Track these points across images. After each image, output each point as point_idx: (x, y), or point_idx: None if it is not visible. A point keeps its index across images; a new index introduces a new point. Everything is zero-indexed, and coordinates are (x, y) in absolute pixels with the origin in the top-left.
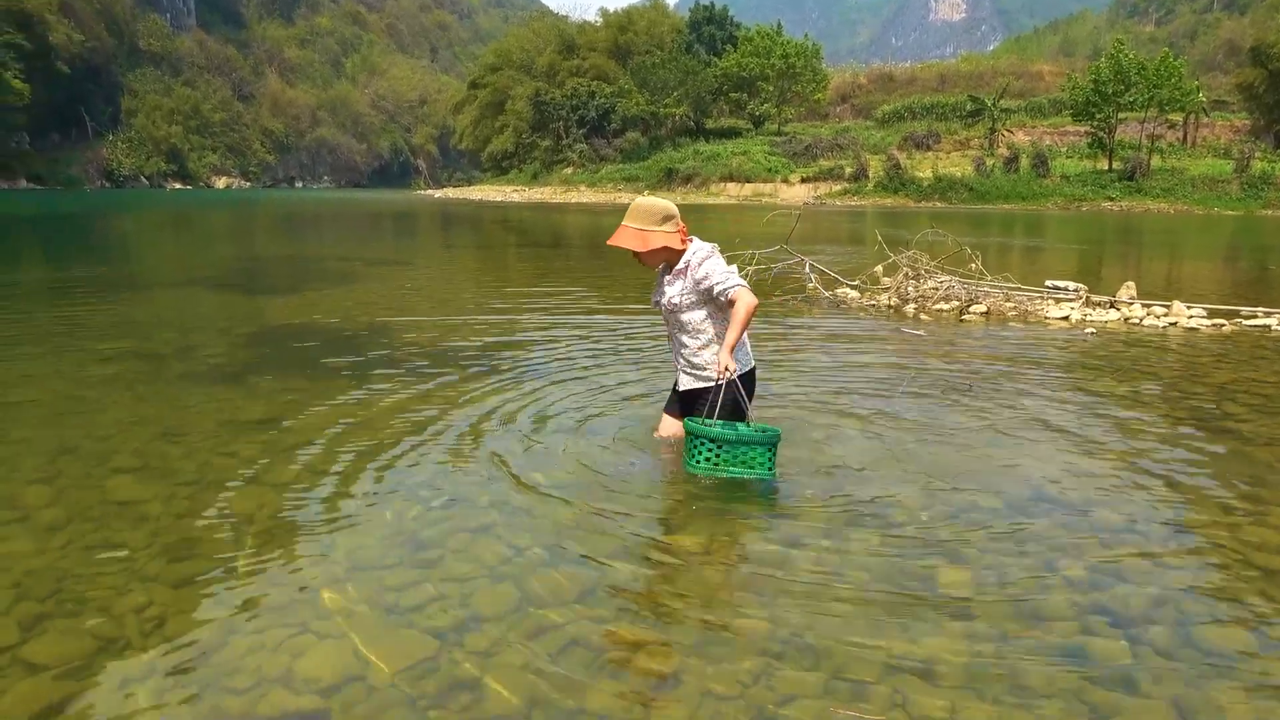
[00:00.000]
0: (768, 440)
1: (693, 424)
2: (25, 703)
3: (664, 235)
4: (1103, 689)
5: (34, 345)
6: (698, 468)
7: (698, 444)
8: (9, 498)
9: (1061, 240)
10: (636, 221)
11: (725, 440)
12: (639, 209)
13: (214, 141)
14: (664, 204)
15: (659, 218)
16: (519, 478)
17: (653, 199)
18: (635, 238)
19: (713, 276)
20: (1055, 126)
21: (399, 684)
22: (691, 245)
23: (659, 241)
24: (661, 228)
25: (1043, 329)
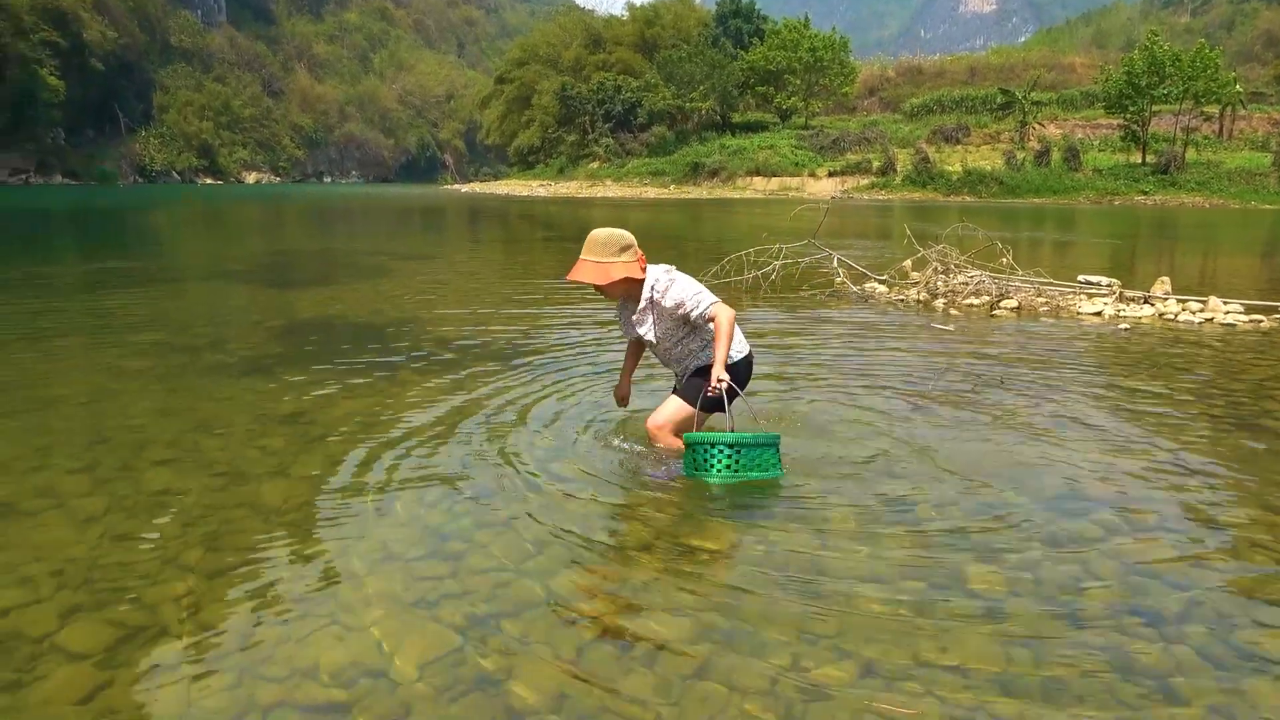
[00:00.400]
0: (774, 441)
1: (702, 434)
2: (65, 689)
3: (624, 266)
4: (1138, 691)
5: (71, 338)
6: (716, 476)
7: (713, 452)
8: (48, 487)
9: (1094, 234)
10: (595, 254)
11: (744, 444)
12: (596, 241)
13: (244, 137)
14: (621, 233)
15: (617, 248)
16: (544, 472)
17: (609, 230)
18: (595, 271)
19: (685, 303)
20: (1087, 119)
21: (425, 677)
22: (649, 274)
23: (620, 273)
24: (620, 258)
25: (1075, 324)
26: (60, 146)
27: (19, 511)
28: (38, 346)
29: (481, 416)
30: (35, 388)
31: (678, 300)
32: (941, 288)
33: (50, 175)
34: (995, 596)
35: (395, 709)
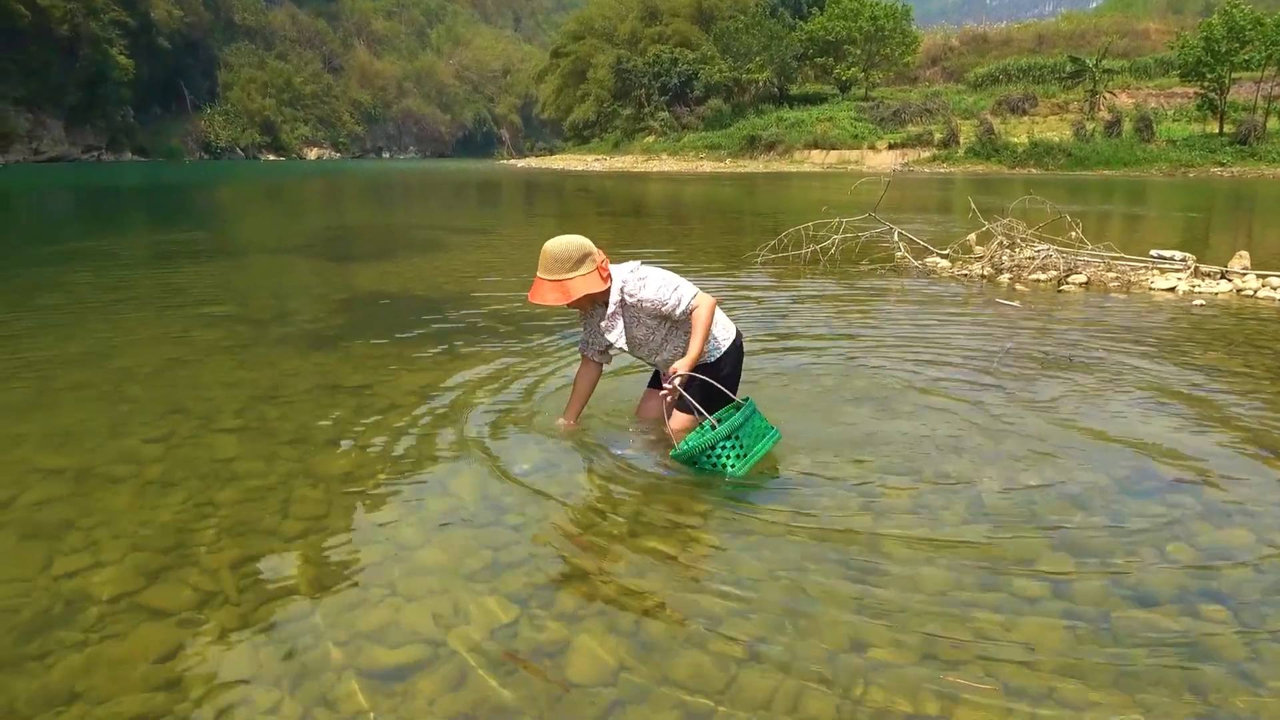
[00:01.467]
0: (751, 407)
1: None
2: (138, 649)
3: (584, 281)
4: (1213, 677)
5: (142, 310)
6: (737, 471)
7: (717, 453)
8: (124, 454)
9: (1167, 207)
10: (551, 273)
11: (735, 428)
12: (549, 257)
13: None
14: (575, 244)
15: (573, 262)
16: (604, 446)
17: (562, 241)
18: (554, 291)
19: (665, 301)
20: (1161, 88)
21: (482, 647)
22: (616, 276)
23: (580, 289)
24: (579, 272)
25: (1147, 300)
26: (130, 124)
27: (96, 477)
28: (112, 319)
29: (540, 390)
30: (110, 359)
31: (655, 300)
32: (1007, 262)
33: (120, 152)
34: (1061, 577)
35: (452, 678)
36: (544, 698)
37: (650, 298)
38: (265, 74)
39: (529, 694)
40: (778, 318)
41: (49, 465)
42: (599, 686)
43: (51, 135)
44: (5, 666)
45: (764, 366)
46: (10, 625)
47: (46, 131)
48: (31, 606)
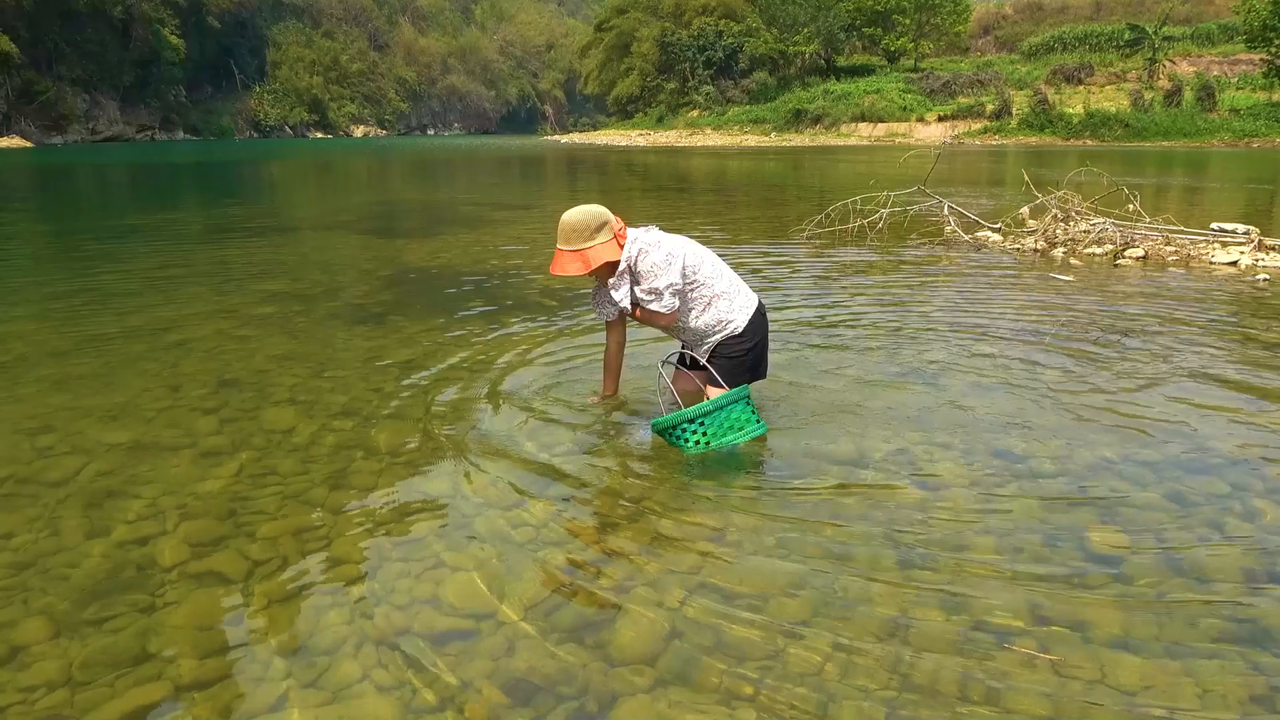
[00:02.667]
0: (742, 395)
1: (662, 420)
2: (202, 612)
3: (603, 249)
4: (1273, 658)
5: (197, 285)
6: (694, 449)
7: (680, 431)
8: (181, 425)
9: (1229, 179)
10: (571, 243)
11: (704, 413)
12: (568, 227)
13: (352, 91)
14: (592, 213)
15: (590, 230)
16: (650, 417)
17: (579, 210)
18: (574, 261)
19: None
20: (1225, 55)
21: (531, 617)
22: (629, 238)
23: (600, 257)
24: (597, 241)
25: (1207, 275)
26: (182, 103)
27: (154, 448)
28: (167, 293)
29: (586, 364)
30: (166, 332)
31: (642, 272)
32: (1061, 236)
33: (173, 131)
34: (1116, 555)
35: (502, 646)
36: (592, 668)
37: (641, 269)
38: (313, 52)
39: (577, 664)
40: (824, 293)
41: (110, 438)
42: (646, 658)
43: (107, 115)
44: (66, 631)
45: (812, 341)
46: (70, 591)
47: (102, 111)
48: (93, 573)
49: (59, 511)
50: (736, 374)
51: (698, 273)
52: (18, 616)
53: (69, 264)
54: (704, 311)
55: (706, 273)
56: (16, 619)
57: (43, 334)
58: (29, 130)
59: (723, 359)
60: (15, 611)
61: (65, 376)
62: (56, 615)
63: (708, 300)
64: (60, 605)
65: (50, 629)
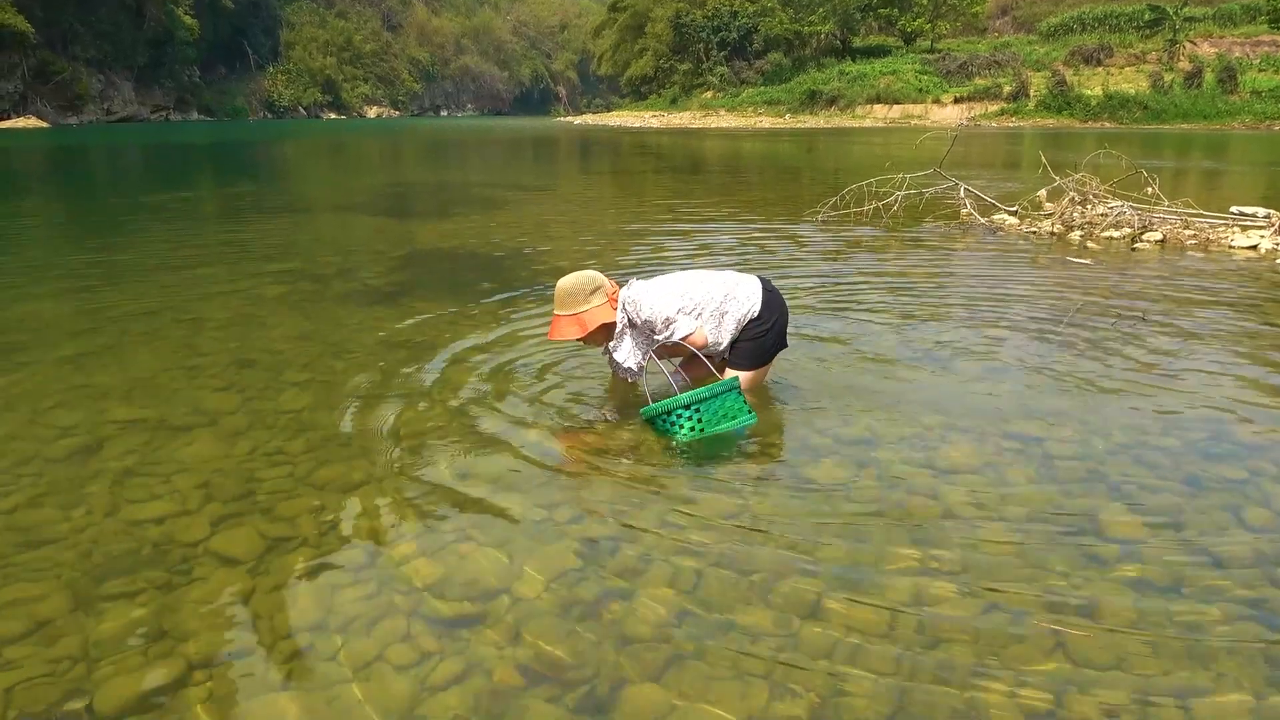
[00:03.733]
0: (733, 385)
1: (654, 407)
2: (217, 591)
3: (598, 311)
4: None
5: (213, 266)
6: (686, 436)
7: (675, 418)
8: (197, 405)
9: (1250, 163)
10: (566, 308)
11: (698, 400)
12: (564, 293)
13: (365, 72)
14: (586, 277)
15: (586, 293)
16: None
17: (573, 277)
18: (572, 325)
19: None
20: (1248, 36)
21: (547, 595)
22: (620, 301)
23: (598, 319)
24: (592, 303)
25: (1227, 259)
26: (196, 84)
27: (171, 427)
28: (182, 274)
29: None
30: (182, 312)
31: (648, 320)
32: (1078, 219)
33: (187, 112)
34: (1131, 540)
35: (518, 624)
36: (605, 648)
37: (646, 318)
38: (326, 33)
39: (590, 644)
40: (839, 276)
41: (126, 415)
42: (659, 638)
43: (122, 96)
44: (83, 607)
45: (826, 324)
46: (88, 568)
47: (117, 92)
48: (110, 551)
49: (77, 490)
50: (759, 355)
51: (692, 298)
52: (43, 592)
53: (85, 243)
54: (719, 325)
55: (699, 294)
56: (42, 594)
57: (60, 313)
58: (45, 110)
59: (744, 342)
60: (41, 587)
61: (82, 355)
62: (78, 591)
63: (718, 317)
64: (81, 581)
65: (71, 604)
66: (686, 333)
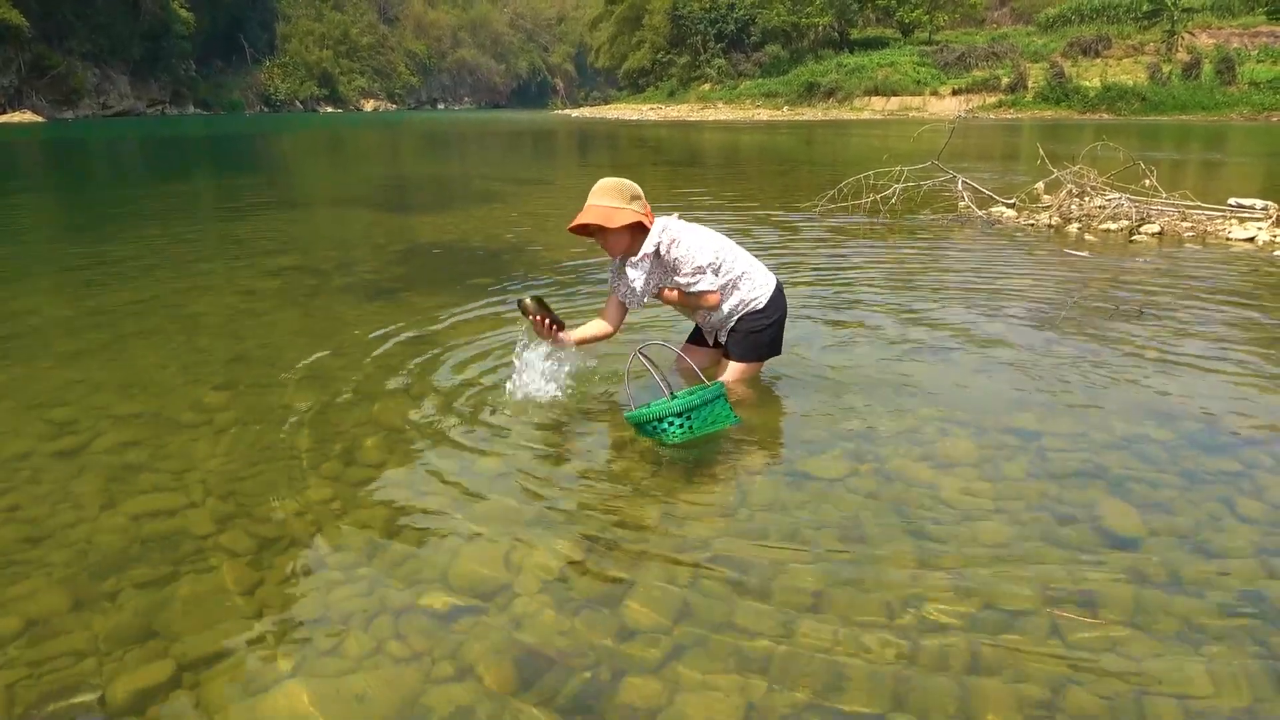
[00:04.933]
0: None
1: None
2: (214, 587)
3: (633, 213)
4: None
5: (209, 261)
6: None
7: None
8: (194, 400)
9: (1248, 154)
10: (601, 199)
11: (690, 408)
12: (604, 187)
13: (361, 65)
14: (629, 184)
15: (627, 195)
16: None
17: (617, 179)
18: (601, 213)
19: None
20: (1246, 27)
21: (545, 591)
22: (656, 225)
23: (626, 219)
24: (630, 205)
25: (1224, 251)
26: (192, 78)
27: (167, 422)
28: (180, 270)
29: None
30: (180, 308)
31: (680, 259)
32: (1076, 211)
33: (184, 106)
34: (1128, 533)
35: (516, 620)
36: (602, 643)
37: (677, 255)
38: (322, 26)
39: (587, 639)
40: (836, 268)
41: (123, 410)
42: (657, 633)
43: (118, 90)
44: (84, 605)
45: (824, 317)
46: (87, 565)
47: (113, 86)
48: (108, 547)
49: (74, 486)
50: (756, 348)
51: (722, 257)
52: (40, 588)
53: (81, 238)
54: (730, 294)
55: (728, 257)
56: (37, 590)
57: (56, 308)
58: (40, 105)
59: (742, 333)
60: (36, 583)
61: (79, 351)
62: (75, 589)
63: (733, 283)
64: (79, 578)
65: (70, 602)
66: (707, 289)
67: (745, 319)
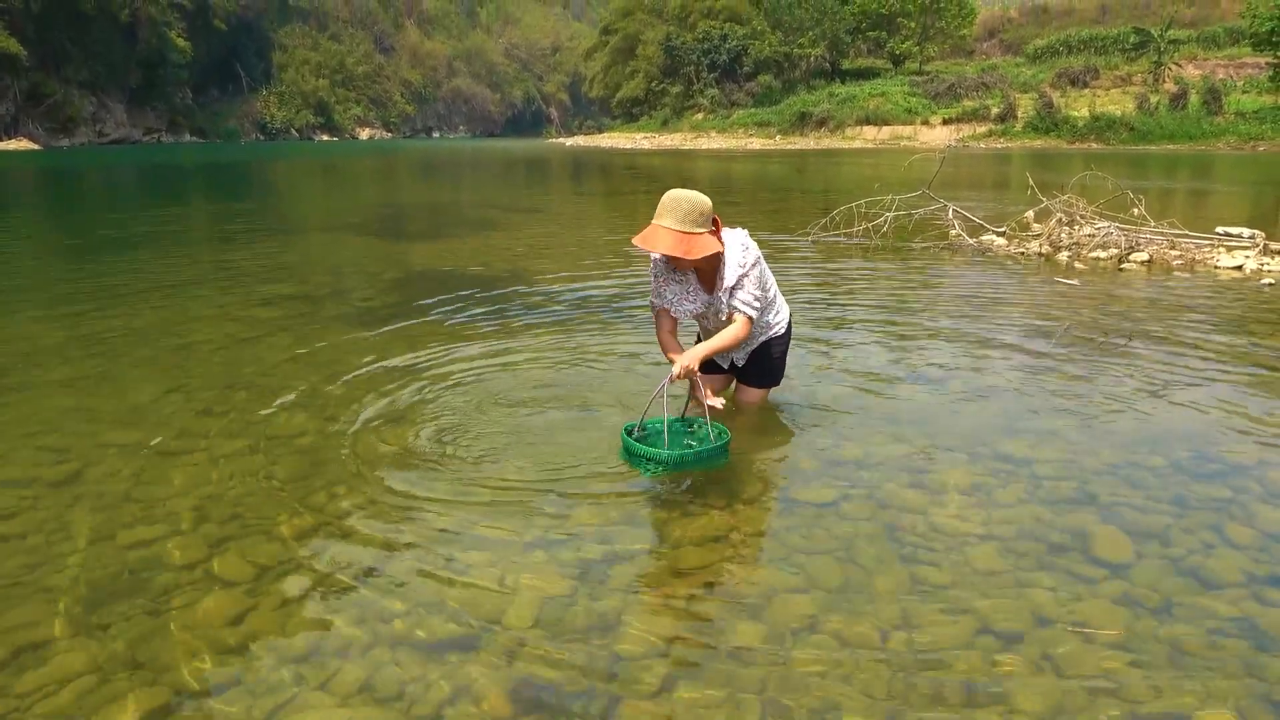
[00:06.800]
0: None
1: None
2: (209, 616)
3: (710, 241)
4: (1274, 661)
5: (204, 288)
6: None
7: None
8: (188, 428)
9: (1235, 183)
10: (678, 222)
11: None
12: (679, 206)
13: (357, 94)
14: (703, 199)
15: (704, 218)
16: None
17: (689, 192)
18: (677, 243)
19: (739, 294)
20: (1231, 59)
21: (539, 618)
22: (729, 243)
23: (707, 249)
24: (706, 229)
25: (1213, 279)
26: (189, 106)
27: (162, 451)
28: (174, 296)
29: (591, 367)
30: (175, 335)
31: (740, 282)
32: (1065, 240)
33: (179, 134)
34: (1120, 560)
35: (509, 647)
36: (597, 670)
37: (744, 280)
38: (319, 55)
39: (583, 666)
40: (829, 296)
41: (117, 439)
42: (651, 658)
43: (114, 118)
44: (77, 632)
45: (816, 345)
46: (80, 594)
47: (109, 114)
48: (101, 575)
49: (68, 514)
50: (776, 373)
51: (771, 287)
52: (30, 616)
53: (76, 266)
54: (764, 313)
55: (770, 282)
56: (28, 618)
57: (51, 336)
58: (36, 132)
59: (767, 357)
60: (27, 612)
61: (73, 378)
62: (70, 617)
63: (770, 303)
64: (73, 607)
65: (65, 630)
66: (753, 314)
67: (773, 343)
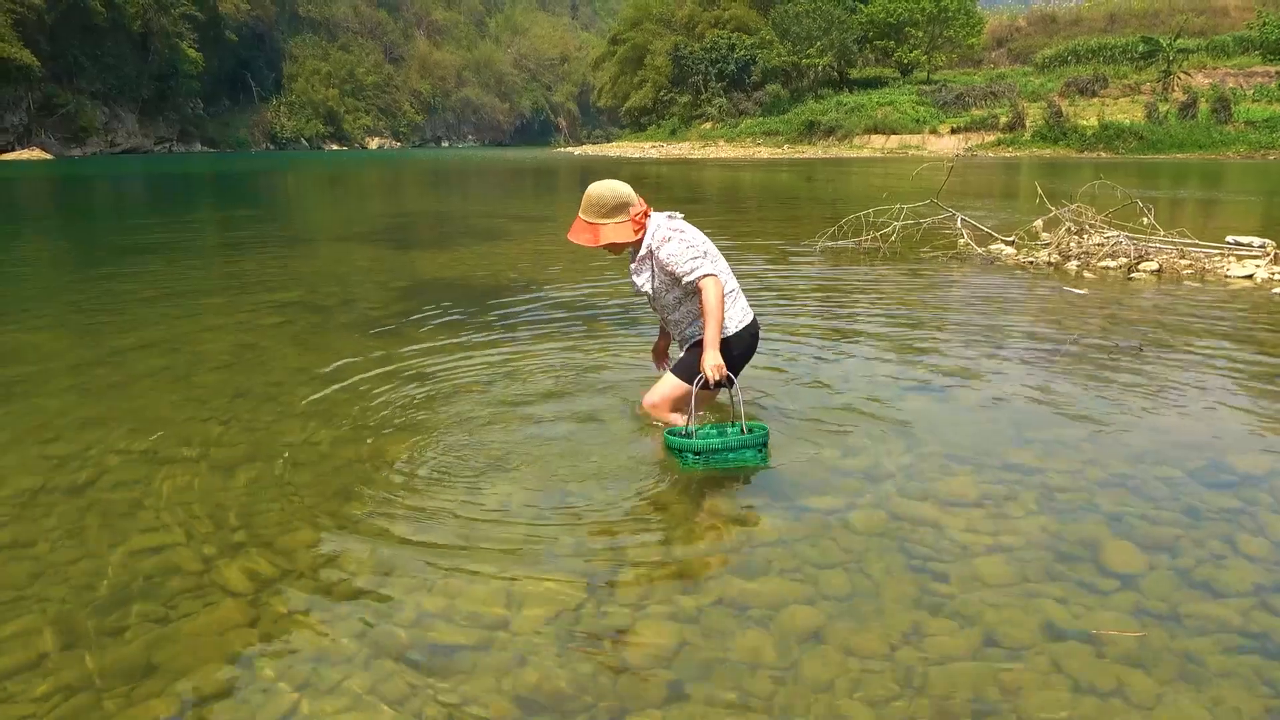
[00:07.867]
0: (758, 441)
1: (673, 439)
2: (217, 623)
3: (614, 229)
4: None
5: (214, 297)
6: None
7: (684, 456)
8: (198, 436)
9: (1245, 192)
10: (586, 214)
11: (711, 450)
12: (588, 200)
13: (367, 104)
14: (614, 192)
15: (608, 208)
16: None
17: (603, 186)
18: (585, 233)
19: (676, 267)
20: (1240, 67)
21: (545, 628)
22: (650, 225)
23: (607, 237)
24: (610, 220)
25: (1223, 289)
26: (199, 116)
27: (171, 459)
28: (183, 305)
29: (601, 376)
30: (183, 344)
31: (670, 257)
32: (1074, 249)
33: (190, 144)
34: (1130, 570)
35: (513, 658)
36: (605, 678)
37: (668, 253)
38: (328, 65)
39: (590, 674)
40: (837, 306)
41: (127, 447)
42: (659, 667)
43: (126, 128)
44: (84, 640)
45: (824, 354)
46: (88, 601)
47: (121, 124)
48: (109, 583)
49: (77, 522)
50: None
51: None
52: (42, 623)
53: (87, 275)
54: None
55: (723, 266)
56: (40, 625)
57: (61, 345)
58: (49, 143)
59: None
60: (39, 619)
61: (83, 387)
62: (75, 624)
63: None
64: (79, 615)
65: (69, 638)
66: (708, 271)
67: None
